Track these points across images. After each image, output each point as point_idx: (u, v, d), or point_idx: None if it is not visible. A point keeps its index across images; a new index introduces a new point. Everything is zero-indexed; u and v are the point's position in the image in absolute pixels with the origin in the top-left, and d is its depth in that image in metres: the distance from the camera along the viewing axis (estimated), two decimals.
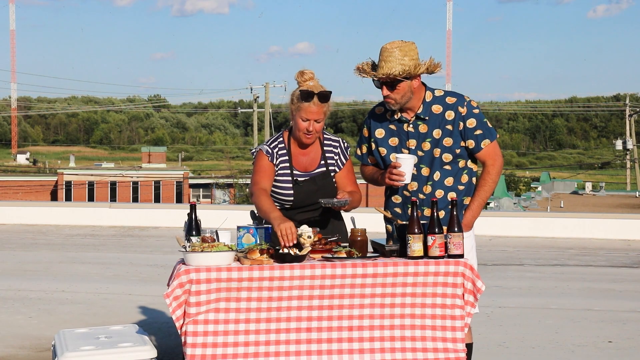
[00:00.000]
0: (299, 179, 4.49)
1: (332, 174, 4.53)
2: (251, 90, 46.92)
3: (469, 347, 4.33)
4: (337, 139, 4.61)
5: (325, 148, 4.56)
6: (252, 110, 48.73)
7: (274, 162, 4.50)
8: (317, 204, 4.45)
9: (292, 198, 4.47)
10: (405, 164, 4.26)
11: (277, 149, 4.53)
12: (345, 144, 4.62)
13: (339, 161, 4.56)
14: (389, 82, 4.25)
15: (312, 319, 3.96)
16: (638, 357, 6.03)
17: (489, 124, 4.43)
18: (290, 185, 4.47)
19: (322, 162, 4.53)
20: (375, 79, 4.28)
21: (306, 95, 4.33)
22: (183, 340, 3.90)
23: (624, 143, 60.03)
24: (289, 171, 4.50)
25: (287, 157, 4.52)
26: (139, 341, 4.33)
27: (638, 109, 64.67)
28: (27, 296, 8.05)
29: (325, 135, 4.59)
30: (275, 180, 4.51)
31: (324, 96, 4.36)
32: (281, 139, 4.57)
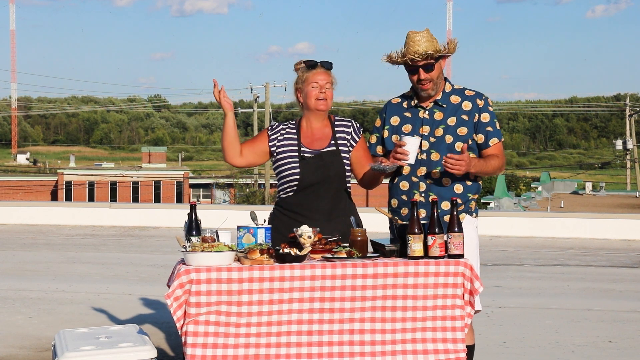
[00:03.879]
0: (306, 154, 4.50)
1: (343, 154, 4.53)
2: (251, 90, 46.93)
3: (471, 348, 4.32)
4: (349, 119, 4.65)
5: (336, 129, 4.59)
6: (252, 110, 48.74)
7: (272, 136, 4.57)
8: (326, 183, 4.46)
9: (298, 174, 4.46)
10: (410, 143, 4.25)
11: (286, 126, 4.61)
12: (357, 125, 4.64)
13: (351, 140, 4.57)
14: (425, 65, 4.31)
15: (313, 321, 3.95)
16: (638, 357, 6.03)
17: (498, 126, 4.48)
18: (297, 161, 4.49)
19: (332, 141, 4.54)
20: (415, 57, 4.28)
21: (311, 63, 4.50)
22: (183, 341, 3.90)
23: (624, 143, 60.03)
24: (296, 147, 4.52)
25: (295, 135, 4.56)
26: (139, 341, 4.33)
27: (638, 109, 64.68)
28: (27, 296, 8.06)
29: (336, 118, 4.63)
30: (281, 159, 4.54)
31: (327, 64, 4.52)
32: (294, 121, 4.66)
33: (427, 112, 4.43)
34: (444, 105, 4.42)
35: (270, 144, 4.58)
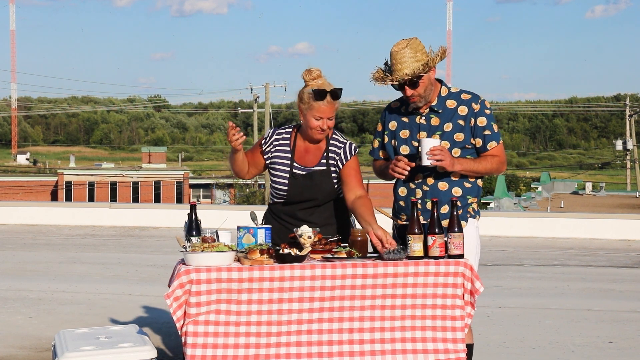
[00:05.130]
0: (297, 171, 4.49)
1: (333, 174, 4.51)
2: (251, 90, 46.94)
3: (470, 347, 4.32)
4: (344, 140, 4.56)
5: (330, 147, 4.54)
6: (252, 110, 48.76)
7: (265, 149, 4.55)
8: (314, 200, 4.46)
9: (286, 190, 4.47)
10: (429, 145, 4.21)
11: (282, 137, 4.56)
12: (353, 146, 4.57)
13: (338, 161, 4.52)
14: (410, 82, 4.27)
15: (312, 320, 3.96)
16: (638, 357, 6.03)
17: (496, 128, 4.41)
18: (287, 177, 4.48)
19: (324, 160, 4.51)
20: (397, 83, 4.29)
21: (319, 95, 4.33)
22: (183, 341, 3.90)
23: (624, 143, 60.03)
24: (289, 162, 4.50)
25: (288, 149, 4.52)
26: (139, 341, 4.33)
27: (638, 109, 64.68)
28: (27, 296, 8.06)
29: (334, 135, 4.56)
30: (273, 170, 4.53)
31: (336, 93, 4.37)
32: (290, 130, 4.59)
33: (423, 118, 4.41)
34: (440, 111, 4.39)
35: (265, 156, 4.57)
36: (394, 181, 4.58)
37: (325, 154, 4.51)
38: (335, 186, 4.51)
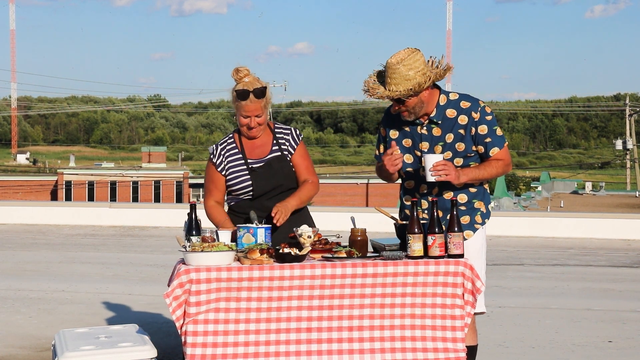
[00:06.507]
0: (254, 165, 4.55)
1: (288, 158, 4.60)
2: None
3: (473, 349, 4.30)
4: (288, 127, 4.71)
5: (277, 135, 4.64)
6: None
7: (217, 163, 4.59)
8: (279, 189, 4.52)
9: (250, 186, 4.52)
10: (432, 160, 4.20)
11: (225, 144, 4.65)
12: (297, 132, 4.70)
13: (289, 147, 4.62)
14: (398, 98, 4.24)
15: (312, 319, 3.96)
16: (638, 357, 6.03)
17: (499, 131, 4.36)
18: (247, 173, 4.54)
19: (275, 147, 4.60)
20: (383, 100, 4.28)
21: (242, 94, 4.46)
22: (183, 340, 3.90)
23: (624, 143, 60.07)
24: (242, 161, 4.57)
25: (237, 150, 4.60)
26: (139, 341, 4.33)
27: (638, 109, 64.71)
28: (27, 296, 8.06)
29: (276, 125, 4.69)
30: (230, 175, 4.58)
31: (259, 92, 4.46)
32: (231, 135, 4.69)
33: (425, 128, 4.37)
34: (440, 122, 4.33)
35: (219, 169, 4.61)
36: (399, 181, 4.57)
37: (275, 142, 4.61)
38: (293, 169, 4.60)
